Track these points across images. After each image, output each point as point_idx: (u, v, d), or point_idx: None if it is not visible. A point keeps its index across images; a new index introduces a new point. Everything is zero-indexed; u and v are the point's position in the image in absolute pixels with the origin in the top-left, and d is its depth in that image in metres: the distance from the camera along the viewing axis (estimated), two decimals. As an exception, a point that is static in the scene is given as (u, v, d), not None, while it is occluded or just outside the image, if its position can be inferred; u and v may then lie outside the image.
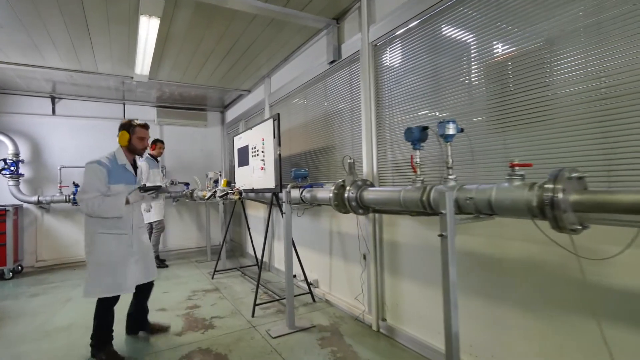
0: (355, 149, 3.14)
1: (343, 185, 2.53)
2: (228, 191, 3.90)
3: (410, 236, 2.59)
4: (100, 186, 2.38)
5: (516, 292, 1.89)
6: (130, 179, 2.58)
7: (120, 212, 2.41)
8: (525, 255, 1.84)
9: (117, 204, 2.39)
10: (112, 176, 2.44)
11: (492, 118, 1.99)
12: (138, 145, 2.60)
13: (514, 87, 1.89)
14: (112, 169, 2.45)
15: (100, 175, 2.38)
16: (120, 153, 2.57)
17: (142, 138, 2.61)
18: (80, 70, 4.53)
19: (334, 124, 3.45)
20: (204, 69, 4.70)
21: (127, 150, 2.59)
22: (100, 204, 2.34)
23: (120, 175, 2.50)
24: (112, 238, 2.49)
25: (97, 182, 2.37)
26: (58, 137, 5.71)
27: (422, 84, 2.47)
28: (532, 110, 1.81)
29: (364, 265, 3.01)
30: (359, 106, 3.05)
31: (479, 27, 2.07)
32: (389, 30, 2.70)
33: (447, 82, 2.28)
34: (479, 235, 2.06)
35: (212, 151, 7.03)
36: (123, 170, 2.54)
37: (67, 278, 4.87)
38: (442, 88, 2.32)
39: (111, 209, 2.38)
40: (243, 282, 4.43)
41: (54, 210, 5.65)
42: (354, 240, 3.12)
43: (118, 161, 2.52)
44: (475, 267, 2.09)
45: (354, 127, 3.15)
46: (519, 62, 1.87)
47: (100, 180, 2.38)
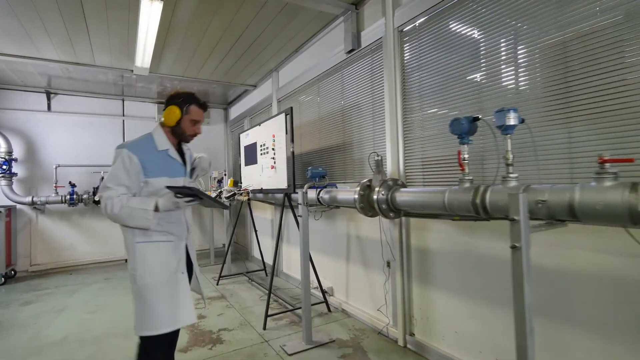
0: (377, 145, 2.87)
1: (369, 185, 2.26)
2: (235, 192, 3.62)
3: (444, 242, 2.31)
4: (128, 180, 1.68)
5: (583, 311, 1.62)
6: (176, 170, 1.85)
7: (148, 221, 1.65)
8: (598, 268, 1.56)
9: (142, 210, 1.64)
10: (149, 167, 1.73)
11: (553, 107, 1.71)
12: (188, 129, 1.86)
13: (581, 71, 1.61)
14: (149, 157, 1.74)
15: (130, 165, 1.68)
16: (160, 135, 1.83)
17: (197, 122, 1.88)
18: (77, 62, 4.24)
19: (352, 119, 3.17)
20: (208, 62, 4.42)
21: (170, 133, 1.86)
22: (122, 206, 1.62)
23: (162, 165, 1.79)
24: (156, 248, 1.74)
25: (124, 175, 1.67)
26: (54, 135, 5.42)
27: (460, 70, 2.19)
28: (604, 97, 1.53)
29: (387, 273, 2.73)
30: (382, 99, 2.77)
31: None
32: (418, 13, 2.42)
33: (491, 66, 2.00)
34: (533, 245, 1.79)
35: (215, 150, 6.75)
36: (165, 158, 1.81)
37: (63, 283, 4.59)
38: (484, 74, 2.04)
39: (135, 216, 1.64)
40: (250, 288, 4.15)
41: (49, 212, 5.37)
42: (376, 245, 2.85)
43: (158, 146, 1.80)
44: (540, 280, 1.82)
45: (376, 122, 2.88)
46: (588, 41, 1.59)
47: (129, 172, 1.68)
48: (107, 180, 1.69)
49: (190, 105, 1.83)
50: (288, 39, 3.85)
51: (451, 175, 2.23)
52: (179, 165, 1.88)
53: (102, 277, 4.87)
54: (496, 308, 2.00)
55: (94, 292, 4.18)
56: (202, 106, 1.89)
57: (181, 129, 1.84)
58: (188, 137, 1.90)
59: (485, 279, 2.05)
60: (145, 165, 1.72)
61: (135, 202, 1.66)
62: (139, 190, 1.73)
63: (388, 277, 2.73)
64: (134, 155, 1.70)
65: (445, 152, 2.26)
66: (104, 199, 1.64)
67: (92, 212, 5.61)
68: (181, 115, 1.80)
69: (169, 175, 1.80)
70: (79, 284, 4.57)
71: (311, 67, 3.77)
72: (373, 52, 2.90)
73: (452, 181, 2.24)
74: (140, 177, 1.71)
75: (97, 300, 3.86)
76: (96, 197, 1.38)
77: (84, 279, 4.83)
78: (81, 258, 5.51)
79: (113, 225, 1.77)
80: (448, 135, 2.22)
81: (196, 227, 6.48)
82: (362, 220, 3.05)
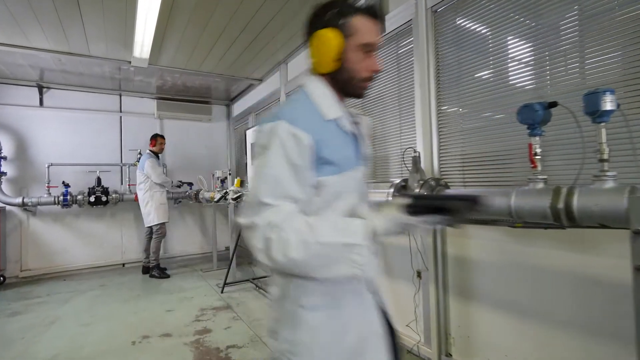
0: (405, 141, 2.57)
1: (404, 186, 1.96)
2: (243, 193, 3.31)
3: (491, 251, 2.02)
4: (298, 187, 0.87)
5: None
6: (354, 156, 1.01)
7: (358, 266, 0.83)
8: None
9: (347, 246, 0.83)
10: (329, 155, 0.91)
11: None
12: (360, 66, 0.97)
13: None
14: (324, 135, 0.92)
15: (299, 154, 0.87)
16: (321, 91, 0.99)
17: (371, 47, 0.97)
18: (70, 52, 3.92)
19: (374, 112, 2.87)
20: (212, 53, 4.11)
21: (333, 82, 1.00)
22: (305, 242, 0.81)
23: (342, 149, 0.97)
24: (341, 319, 0.95)
25: (290, 177, 0.86)
26: (46, 132, 5.09)
27: (510, 51, 1.90)
28: None
29: (418, 284, 2.44)
30: (412, 89, 2.47)
31: (612, -32, 1.50)
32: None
33: (553, 46, 1.71)
34: (613, 256, 1.49)
35: (217, 148, 6.44)
36: (339, 135, 0.98)
37: (55, 291, 4.27)
38: (545, 55, 1.75)
39: (335, 259, 0.83)
40: (258, 297, 3.85)
41: (41, 213, 5.04)
42: (403, 253, 2.55)
43: (324, 113, 0.96)
44: (621, 300, 1.52)
45: (403, 115, 2.58)
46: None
47: (298, 171, 0.87)
48: (258, 190, 0.87)
49: (352, 16, 0.94)
50: (299, 28, 3.55)
51: (500, 174, 1.93)
52: (354, 144, 1.03)
53: (97, 284, 4.55)
54: (558, 330, 1.71)
55: (89, 301, 3.86)
56: (373, 14, 0.96)
57: (348, 70, 0.96)
58: (362, 83, 1.00)
59: (545, 295, 1.76)
60: (323, 153, 0.90)
61: (328, 230, 0.83)
62: (307, 203, 0.89)
63: (419, 288, 2.43)
64: (306, 134, 0.87)
65: (494, 147, 1.97)
66: (259, 231, 0.83)
67: (87, 213, 5.28)
68: (342, 39, 0.93)
69: (351, 167, 0.97)
70: (73, 291, 4.25)
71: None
72: (400, 37, 2.60)
73: (500, 181, 1.95)
74: (311, 177, 0.90)
75: (92, 311, 3.54)
76: (243, 223, 0.83)
77: (78, 285, 4.51)
78: (75, 263, 5.18)
79: (109, 227, 1.47)
80: (496, 128, 1.93)
81: (196, 229, 6.17)
82: (385, 225, 2.75)
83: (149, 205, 4.77)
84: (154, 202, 4.76)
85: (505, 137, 1.90)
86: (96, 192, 5.04)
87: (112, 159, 5.48)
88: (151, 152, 4.92)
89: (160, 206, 4.79)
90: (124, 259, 5.50)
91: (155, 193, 4.79)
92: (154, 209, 4.74)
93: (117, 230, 5.48)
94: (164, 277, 4.74)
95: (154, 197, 4.77)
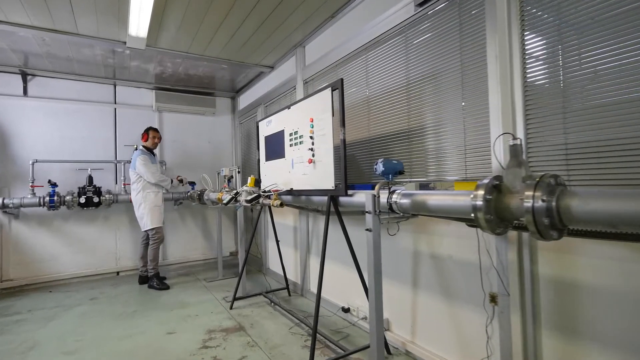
0: (469, 130, 2.04)
1: (498, 185, 1.43)
2: (260, 194, 2.77)
3: (610, 274, 1.49)
4: None
5: None
6: None
7: None
8: None
9: None
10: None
11: None
12: None
13: None
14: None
15: None
16: None
17: None
18: (54, 29, 3.36)
19: (423, 95, 2.35)
20: (218, 35, 3.57)
21: None
22: None
23: None
24: None
25: None
26: (30, 124, 4.53)
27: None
28: None
29: (492, 311, 1.91)
30: (482, 61, 1.95)
31: None
32: None
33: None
34: None
35: (221, 144, 5.89)
36: None
37: (39, 305, 3.71)
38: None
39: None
40: (274, 314, 3.31)
41: (25, 216, 4.48)
42: (469, 270, 2.03)
43: None
44: None
45: (468, 95, 2.05)
46: None
47: None
48: None
49: None
50: (321, 2, 3.03)
51: (630, 169, 1.41)
52: None
53: (87, 296, 3.99)
54: None
55: (76, 319, 3.31)
56: None
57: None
58: None
59: None
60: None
61: None
62: None
63: (493, 316, 1.90)
64: None
65: (622, 132, 1.44)
66: None
67: (77, 216, 4.73)
68: None
69: None
70: (59, 306, 3.70)
71: (355, 35, 2.94)
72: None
73: (629, 179, 1.42)
74: None
75: (79, 332, 2.99)
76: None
77: (66, 298, 3.96)
78: (64, 271, 4.63)
79: (102, 232, 1.00)
80: (628, 107, 1.41)
81: (199, 233, 5.62)
82: (440, 234, 2.23)
83: (142, 207, 4.22)
84: (147, 204, 4.21)
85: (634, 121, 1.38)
86: (87, 192, 4.49)
87: (106, 155, 4.93)
88: (144, 147, 4.37)
89: (154, 208, 4.24)
90: (118, 266, 4.95)
91: (149, 194, 4.25)
92: (147, 211, 4.20)
93: (111, 235, 4.92)
94: (163, 288, 4.19)
95: (148, 199, 4.23)
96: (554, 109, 1.66)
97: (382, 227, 1.87)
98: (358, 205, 2.20)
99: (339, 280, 3.19)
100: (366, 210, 1.85)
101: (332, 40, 3.32)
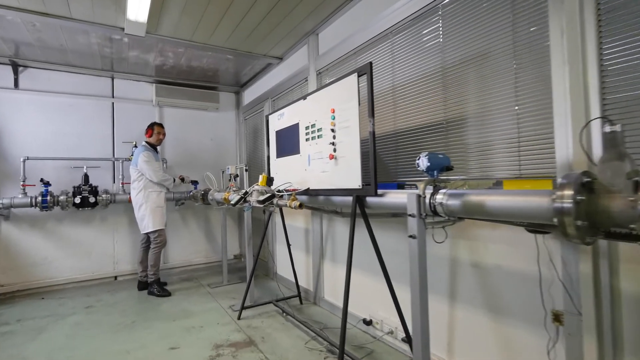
0: (524, 119, 1.75)
1: (590, 183, 1.14)
2: (275, 194, 2.48)
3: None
4: None
5: None
6: None
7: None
8: None
9: None
10: None
11: None
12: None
13: None
14: None
15: None
16: None
17: None
18: (45, 12, 3.06)
19: (465, 80, 2.06)
20: (224, 21, 3.28)
21: None
22: None
23: None
24: None
25: None
26: (22, 119, 4.23)
27: None
28: None
29: (555, 333, 1.62)
30: (541, 39, 1.66)
31: None
32: None
33: None
34: None
35: (224, 140, 5.59)
36: None
37: (29, 315, 3.41)
38: None
39: None
40: (286, 326, 3.01)
41: (16, 218, 4.18)
42: (522, 281, 1.74)
43: None
44: None
45: (521, 79, 1.76)
46: None
47: None
48: None
49: None
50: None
51: None
52: None
53: (82, 304, 3.70)
54: None
55: (69, 331, 3.02)
56: None
57: None
58: None
59: None
60: None
61: None
62: None
63: (557, 339, 1.62)
64: None
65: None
66: None
67: (72, 217, 4.43)
68: None
69: None
70: (51, 315, 3.40)
71: (378, 19, 2.65)
72: (516, -34, 1.78)
73: None
74: None
75: (71, 347, 2.70)
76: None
77: (59, 306, 3.66)
78: (57, 276, 4.33)
79: (99, 234, 0.78)
80: None
81: (201, 234, 5.32)
82: (484, 239, 1.94)
83: (143, 208, 3.92)
84: (148, 204, 3.91)
85: None
86: (83, 191, 4.20)
87: (102, 152, 4.63)
88: (147, 143, 4.08)
89: (156, 209, 3.94)
90: (116, 271, 4.65)
91: (151, 193, 3.95)
92: (149, 212, 3.90)
93: (108, 237, 4.62)
94: (164, 294, 3.89)
95: (149, 199, 3.93)
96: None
97: (427, 232, 1.59)
98: (391, 207, 1.91)
99: (359, 289, 2.90)
100: (409, 214, 1.56)
101: (350, 26, 3.04)
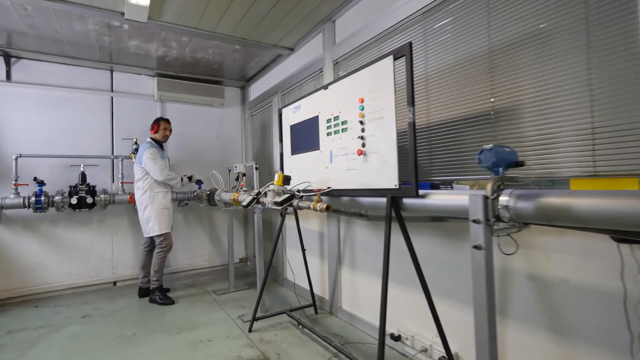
0: (600, 106, 1.48)
1: None
2: (295, 194, 2.20)
3: None
4: None
5: None
6: None
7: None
8: None
9: None
10: None
11: None
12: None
13: None
14: None
15: None
16: None
17: None
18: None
19: (519, 63, 1.78)
20: (232, 7, 3.00)
21: None
22: None
23: None
24: None
25: None
26: (14, 113, 3.95)
27: None
28: None
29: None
30: (625, 10, 1.39)
31: None
32: None
33: None
34: None
35: (230, 138, 5.32)
36: None
37: (20, 326, 3.13)
38: None
39: None
40: (303, 340, 2.74)
41: (8, 219, 3.90)
42: (598, 299, 1.47)
43: None
44: None
45: (597, 60, 1.49)
46: None
47: None
48: None
49: None
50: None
51: None
52: None
53: (78, 313, 3.42)
54: None
55: (63, 345, 2.74)
56: None
57: None
58: None
59: None
60: None
61: None
62: None
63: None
64: None
65: None
66: None
67: (68, 219, 4.15)
68: None
69: None
70: (44, 326, 3.12)
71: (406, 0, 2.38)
72: None
73: None
74: None
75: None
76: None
77: (53, 315, 3.38)
78: (52, 282, 4.05)
79: (97, 237, 0.48)
80: None
81: (205, 237, 5.04)
82: (545, 248, 1.67)
83: (149, 209, 3.64)
84: (154, 205, 3.63)
85: None
86: (79, 191, 3.92)
87: (101, 150, 4.35)
88: (152, 140, 3.80)
89: (162, 211, 3.67)
90: (115, 276, 4.37)
91: (157, 194, 3.67)
92: (155, 215, 3.62)
93: (107, 240, 4.34)
94: (167, 302, 3.62)
95: (155, 200, 3.65)
96: None
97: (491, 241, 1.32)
98: (439, 211, 1.64)
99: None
100: (473, 219, 1.28)
101: (373, 10, 2.76)
